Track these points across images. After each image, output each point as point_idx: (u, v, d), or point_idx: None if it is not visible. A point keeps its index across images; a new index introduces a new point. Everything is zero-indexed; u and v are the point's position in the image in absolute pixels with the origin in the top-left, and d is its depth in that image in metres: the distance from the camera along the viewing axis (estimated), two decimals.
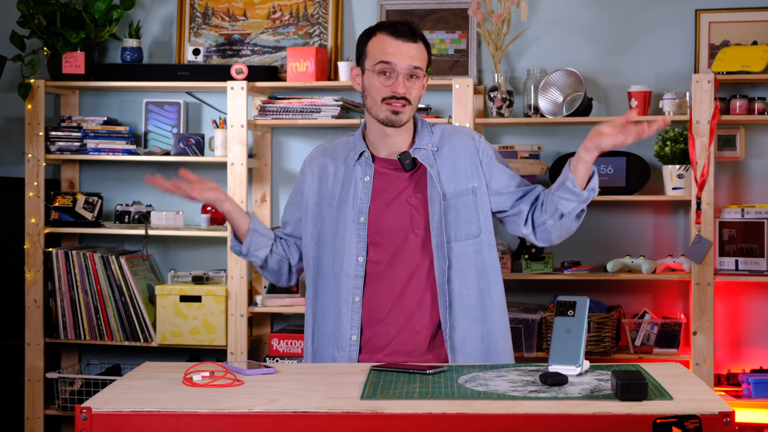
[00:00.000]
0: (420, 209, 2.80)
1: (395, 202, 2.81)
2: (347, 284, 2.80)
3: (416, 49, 2.79)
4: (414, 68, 2.77)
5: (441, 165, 2.82)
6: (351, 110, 4.64)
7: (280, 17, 4.84)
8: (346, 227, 2.81)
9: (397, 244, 2.80)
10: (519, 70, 4.66)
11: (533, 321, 4.39)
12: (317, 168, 2.91)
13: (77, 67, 4.67)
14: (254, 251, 2.91)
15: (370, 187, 2.82)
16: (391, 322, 2.79)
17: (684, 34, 4.57)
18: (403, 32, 2.78)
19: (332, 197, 2.85)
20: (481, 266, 2.82)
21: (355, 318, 2.79)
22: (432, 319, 2.80)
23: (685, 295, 4.52)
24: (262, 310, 4.62)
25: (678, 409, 2.03)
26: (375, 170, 2.83)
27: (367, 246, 2.80)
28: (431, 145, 2.84)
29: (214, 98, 4.86)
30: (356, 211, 2.81)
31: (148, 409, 2.09)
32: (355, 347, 2.79)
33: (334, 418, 2.06)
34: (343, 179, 2.85)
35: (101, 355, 4.93)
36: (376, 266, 2.80)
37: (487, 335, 2.81)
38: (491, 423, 2.03)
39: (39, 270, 4.66)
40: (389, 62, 2.76)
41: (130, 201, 4.82)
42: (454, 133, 2.88)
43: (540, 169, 4.44)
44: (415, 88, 2.78)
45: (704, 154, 4.27)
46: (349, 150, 2.88)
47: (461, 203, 2.81)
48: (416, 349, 2.79)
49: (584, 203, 2.78)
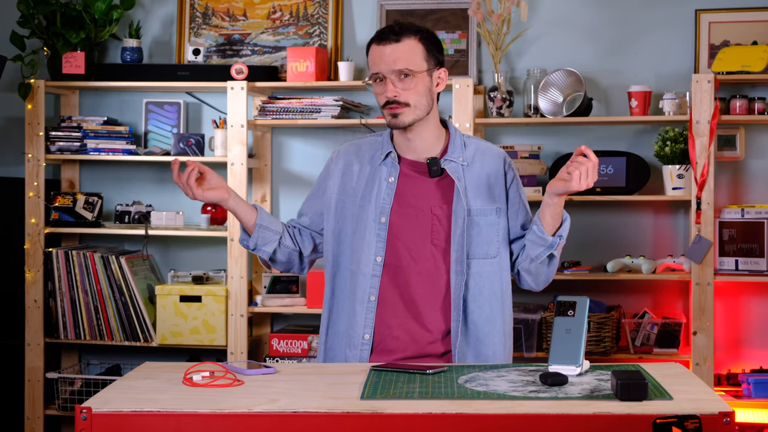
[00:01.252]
0: (443, 221, 2.80)
1: (418, 209, 2.80)
2: (364, 283, 2.79)
3: (401, 48, 2.75)
4: (398, 70, 2.74)
5: (469, 180, 2.81)
6: (351, 110, 4.64)
7: (280, 17, 4.84)
8: (367, 226, 2.80)
9: (415, 251, 2.79)
10: (519, 70, 4.66)
11: (533, 321, 4.39)
12: (342, 164, 2.90)
13: (77, 67, 4.67)
14: (261, 246, 2.90)
15: (393, 188, 2.81)
16: (403, 327, 2.79)
17: (684, 34, 4.57)
18: (385, 36, 2.77)
19: (355, 195, 2.85)
20: (496, 287, 2.81)
21: (369, 317, 2.79)
22: (443, 330, 2.80)
23: (685, 295, 4.52)
24: (262, 310, 4.62)
25: (678, 409, 2.03)
26: (400, 172, 2.83)
27: (386, 247, 2.80)
28: (462, 159, 2.82)
29: (214, 98, 4.86)
30: (378, 211, 2.80)
31: (148, 409, 2.09)
32: (367, 346, 2.79)
33: (334, 418, 2.06)
34: (367, 178, 2.84)
35: (101, 355, 4.93)
36: (393, 269, 2.80)
37: (491, 355, 2.81)
38: (491, 423, 2.03)
39: (39, 270, 4.66)
40: (377, 72, 2.77)
41: (130, 201, 4.82)
42: (487, 151, 2.87)
43: (540, 169, 4.44)
44: (409, 89, 2.75)
45: (704, 154, 4.27)
46: (376, 149, 2.88)
47: (484, 222, 2.80)
48: (427, 359, 2.79)
49: (551, 249, 2.77)
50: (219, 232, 4.60)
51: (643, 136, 4.58)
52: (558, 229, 2.77)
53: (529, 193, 4.35)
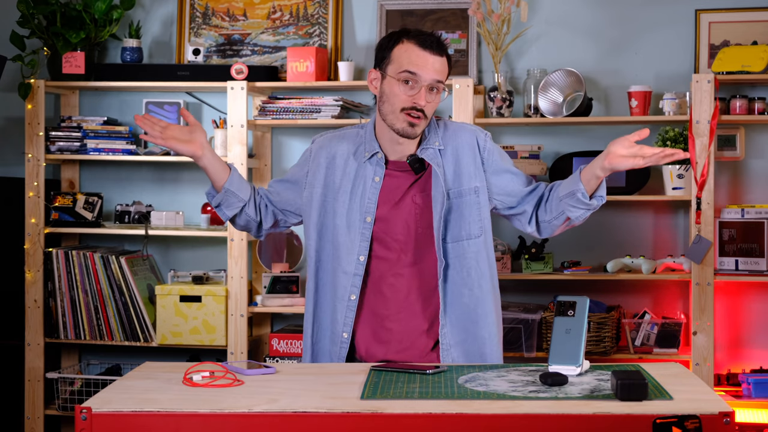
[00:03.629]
0: (425, 208, 2.80)
1: (402, 203, 2.81)
2: (345, 282, 2.80)
3: (441, 63, 2.77)
4: (437, 82, 2.76)
5: (446, 163, 2.82)
6: (351, 110, 4.64)
7: (280, 17, 4.84)
8: (351, 225, 2.80)
9: (402, 244, 2.80)
10: (519, 70, 4.65)
11: (533, 321, 4.39)
12: (325, 158, 2.89)
13: (77, 67, 4.67)
14: (224, 208, 2.92)
15: (378, 188, 2.81)
16: (394, 319, 2.79)
17: (684, 34, 4.57)
18: (431, 44, 2.76)
19: (338, 191, 2.84)
20: (483, 266, 2.82)
21: (349, 316, 2.79)
22: (430, 318, 2.80)
23: (685, 295, 4.52)
24: (262, 310, 4.62)
25: (678, 409, 2.03)
26: (385, 172, 2.83)
27: (370, 246, 2.80)
28: (438, 143, 2.83)
29: (214, 98, 4.86)
30: (363, 210, 2.80)
31: (148, 409, 2.09)
32: (346, 345, 2.79)
33: (334, 418, 2.06)
34: (352, 175, 2.84)
35: (101, 355, 4.93)
36: (379, 265, 2.80)
37: (488, 337, 2.81)
38: (491, 423, 2.03)
39: (39, 270, 4.66)
40: (415, 72, 2.74)
41: (130, 201, 4.82)
42: (458, 130, 2.87)
43: (540, 169, 4.44)
44: (432, 102, 2.77)
45: (704, 154, 4.27)
46: (359, 144, 2.87)
47: (464, 203, 2.81)
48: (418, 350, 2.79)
49: (593, 210, 2.80)
50: (219, 232, 4.60)
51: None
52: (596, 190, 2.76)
53: None
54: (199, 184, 4.85)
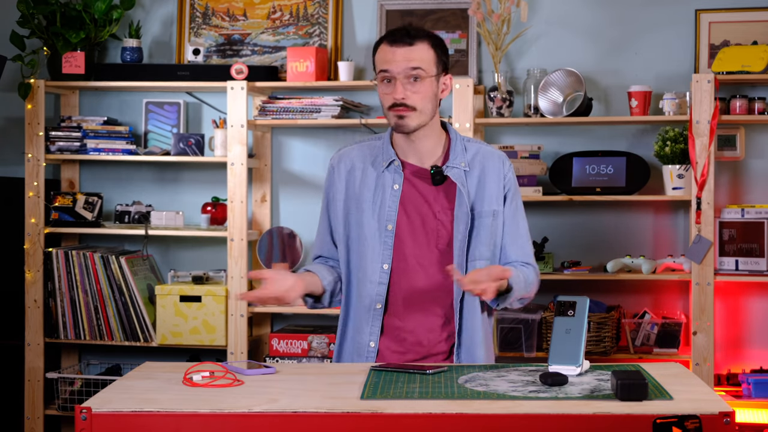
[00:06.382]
0: (447, 225, 2.80)
1: (423, 214, 2.81)
2: (370, 290, 2.80)
3: (414, 51, 2.75)
4: (412, 69, 2.74)
5: (470, 185, 2.82)
6: (351, 110, 4.64)
7: (280, 17, 4.84)
8: (373, 234, 2.80)
9: (421, 256, 2.80)
10: (519, 70, 4.65)
11: (533, 321, 4.39)
12: (344, 171, 2.88)
13: (77, 67, 4.67)
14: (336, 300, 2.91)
15: (398, 196, 2.81)
16: (410, 332, 2.80)
17: (684, 34, 4.57)
18: (399, 37, 2.76)
19: (359, 201, 2.84)
20: None
21: (376, 325, 2.80)
22: (446, 333, 2.81)
23: (685, 295, 4.52)
24: (262, 310, 4.62)
25: (678, 409, 2.03)
26: (404, 179, 2.82)
27: (393, 254, 2.80)
28: (464, 164, 2.82)
29: (214, 98, 4.86)
30: (384, 219, 2.80)
31: (148, 409, 2.09)
32: (372, 354, 2.80)
33: (334, 418, 2.06)
34: (371, 185, 2.84)
35: (101, 355, 4.93)
36: (400, 275, 2.80)
37: (485, 355, 2.83)
38: (491, 423, 2.03)
39: (39, 270, 4.66)
40: (387, 69, 2.75)
41: (130, 201, 4.82)
42: (487, 155, 2.86)
43: (540, 169, 4.44)
44: (418, 93, 2.75)
45: (704, 154, 4.27)
46: (377, 154, 2.86)
47: (482, 224, 2.81)
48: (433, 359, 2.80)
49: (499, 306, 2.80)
50: (219, 232, 4.60)
51: (643, 136, 4.58)
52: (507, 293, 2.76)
53: (529, 192, 4.35)
54: (199, 184, 4.85)
